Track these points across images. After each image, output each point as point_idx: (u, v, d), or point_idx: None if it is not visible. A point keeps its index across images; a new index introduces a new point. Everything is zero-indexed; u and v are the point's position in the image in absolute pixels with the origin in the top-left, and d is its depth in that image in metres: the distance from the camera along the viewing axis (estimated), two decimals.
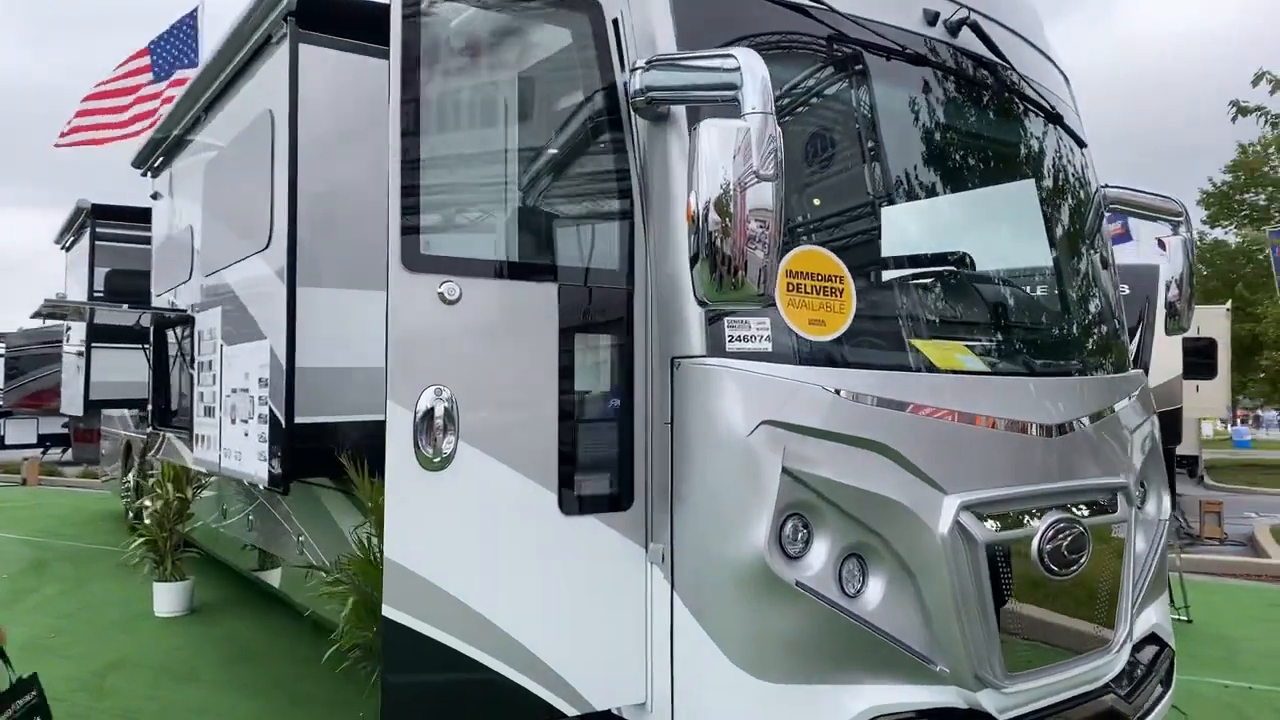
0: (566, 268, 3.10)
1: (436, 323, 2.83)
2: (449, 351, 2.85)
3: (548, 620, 2.97)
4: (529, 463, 2.95)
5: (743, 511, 2.89)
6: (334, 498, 5.52)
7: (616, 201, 3.18)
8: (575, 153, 3.21)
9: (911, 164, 3.67)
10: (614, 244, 3.18)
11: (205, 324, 5.85)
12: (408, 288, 2.80)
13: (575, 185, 3.23)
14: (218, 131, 5.72)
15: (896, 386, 3.18)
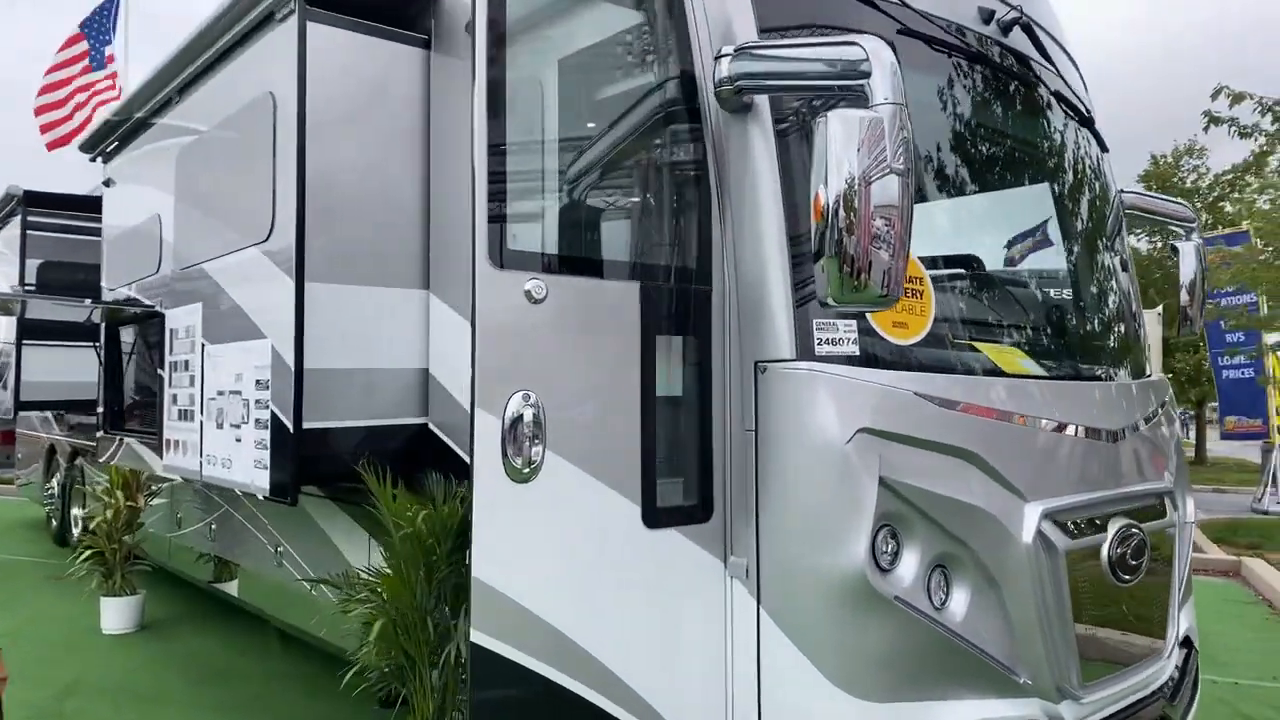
0: (646, 265, 2.93)
1: (523, 323, 2.62)
2: (535, 354, 2.64)
3: (632, 641, 2.79)
4: (614, 473, 2.76)
5: (840, 524, 2.76)
6: (321, 506, 5.20)
7: (693, 196, 3.01)
8: (652, 144, 3.04)
9: (973, 164, 3.60)
10: (691, 241, 3.01)
11: (179, 321, 5.44)
12: (495, 286, 2.58)
13: (651, 178, 3.05)
14: (196, 115, 5.32)
15: (976, 391, 3.10)
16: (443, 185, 4.47)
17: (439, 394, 4.45)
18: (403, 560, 3.75)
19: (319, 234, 4.21)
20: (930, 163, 3.41)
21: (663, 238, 3.00)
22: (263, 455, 4.38)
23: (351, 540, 4.96)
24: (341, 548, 5.07)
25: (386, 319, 4.42)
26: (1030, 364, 3.51)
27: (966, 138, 3.55)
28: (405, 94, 4.50)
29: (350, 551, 4.97)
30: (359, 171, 4.34)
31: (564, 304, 2.69)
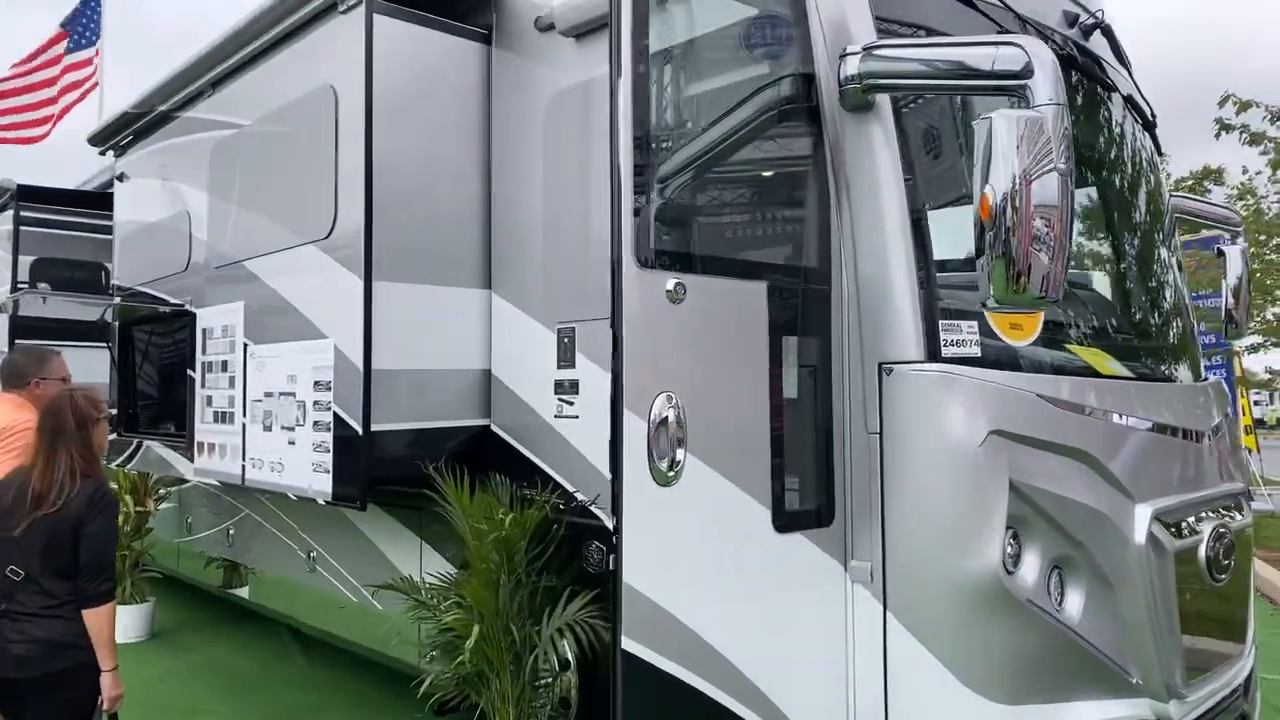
0: (771, 265, 2.90)
1: (665, 323, 2.58)
2: (675, 355, 2.60)
3: (764, 646, 2.76)
4: (746, 476, 2.73)
5: (972, 527, 2.76)
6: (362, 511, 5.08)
7: (813, 195, 2.99)
8: (772, 143, 3.00)
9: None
10: (811, 241, 2.99)
11: (214, 320, 5.29)
12: (639, 285, 2.53)
13: (773, 176, 3.02)
14: (235, 108, 5.17)
15: (1086, 393, 3.11)
16: (505, 183, 4.40)
17: (503, 395, 4.37)
18: (489, 565, 3.66)
19: (384, 232, 4.11)
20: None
21: (785, 237, 2.97)
22: (323, 459, 4.27)
23: (400, 546, 4.86)
24: (388, 553, 4.96)
25: (448, 319, 4.33)
26: (1116, 365, 3.54)
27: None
28: (465, 89, 4.42)
29: (399, 557, 4.86)
30: (421, 168, 4.25)
31: (700, 304, 2.65)
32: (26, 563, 3.01)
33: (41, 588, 3.00)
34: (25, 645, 2.94)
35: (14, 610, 3.00)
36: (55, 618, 2.98)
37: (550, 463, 4.10)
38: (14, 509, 3.06)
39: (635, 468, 2.46)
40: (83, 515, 3.06)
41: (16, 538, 3.01)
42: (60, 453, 3.11)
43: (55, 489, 3.04)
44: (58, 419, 3.18)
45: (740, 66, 3.00)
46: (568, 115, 4.05)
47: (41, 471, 3.08)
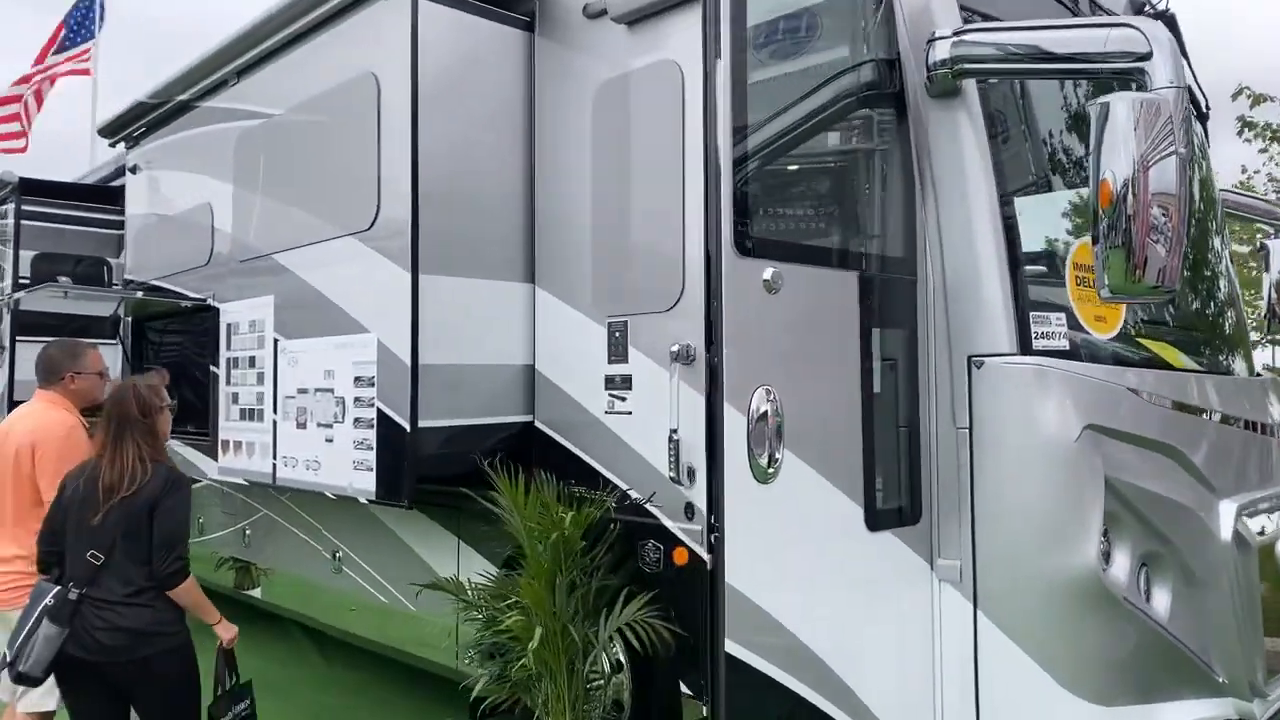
0: (859, 254, 2.82)
1: (762, 314, 2.50)
2: (772, 347, 2.52)
3: (857, 649, 2.68)
4: (839, 473, 2.65)
5: (1070, 524, 2.69)
6: (393, 508, 4.96)
7: (897, 183, 2.91)
8: (857, 130, 2.92)
9: None
10: (896, 230, 2.91)
11: (241, 315, 5.15)
12: (739, 275, 2.45)
13: (858, 164, 2.94)
14: (264, 98, 5.04)
15: (1170, 386, 3.06)
16: (550, 175, 4.30)
17: (548, 391, 4.27)
18: (548, 566, 3.56)
19: (430, 224, 4.00)
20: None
21: (871, 226, 2.89)
22: (365, 456, 4.15)
23: (436, 545, 4.74)
24: (422, 553, 4.85)
25: (492, 313, 4.23)
26: (1187, 359, 3.49)
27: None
28: (507, 77, 4.32)
29: (434, 557, 4.75)
30: (465, 159, 4.15)
31: (795, 293, 2.57)
32: (105, 548, 3.03)
33: (121, 573, 3.02)
34: (110, 633, 2.98)
35: (96, 596, 3.02)
36: (139, 606, 3.02)
37: (600, 459, 4.01)
38: (90, 498, 3.08)
39: (735, 464, 2.37)
40: (158, 496, 3.09)
41: (94, 526, 3.04)
42: (127, 441, 3.13)
43: (126, 477, 3.06)
44: (122, 408, 3.19)
45: (825, 52, 2.92)
46: (620, 104, 3.96)
47: (110, 460, 3.10)
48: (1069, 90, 3.14)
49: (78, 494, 3.16)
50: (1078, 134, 3.23)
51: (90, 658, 3.00)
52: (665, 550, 3.73)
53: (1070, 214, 3.14)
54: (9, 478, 3.56)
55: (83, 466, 3.29)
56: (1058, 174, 3.19)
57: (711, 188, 2.40)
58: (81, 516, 3.11)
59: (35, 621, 3.01)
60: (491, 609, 3.86)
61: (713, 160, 2.41)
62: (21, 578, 3.52)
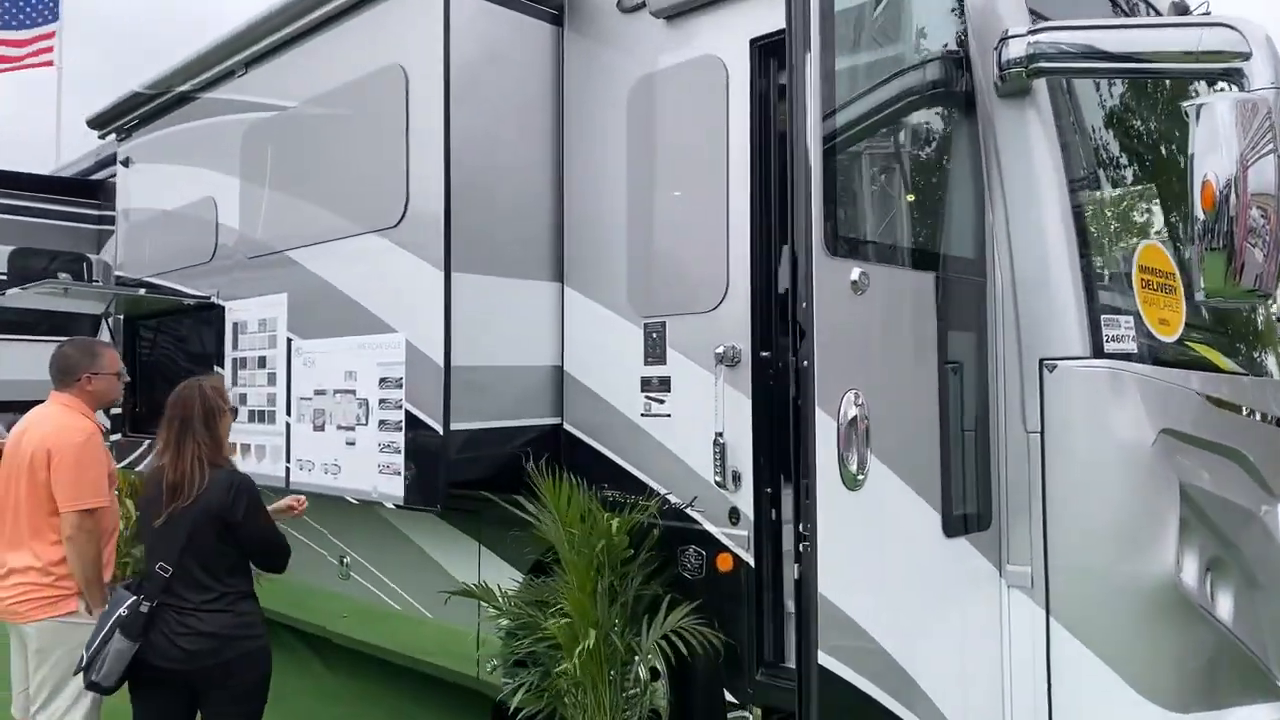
0: (936, 254, 2.77)
1: (850, 315, 2.43)
2: (859, 349, 2.45)
3: (936, 658, 2.62)
4: (919, 479, 2.59)
5: (1146, 529, 2.66)
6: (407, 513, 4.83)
7: (969, 183, 2.87)
8: (929, 128, 2.87)
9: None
10: (967, 231, 2.86)
11: (249, 313, 4.99)
12: (828, 275, 2.37)
13: (931, 163, 2.89)
14: (276, 89, 4.88)
15: (1232, 390, 3.05)
16: (579, 172, 4.21)
17: (577, 393, 4.17)
18: (592, 573, 3.46)
19: (462, 221, 3.89)
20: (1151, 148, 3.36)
21: (945, 227, 2.84)
22: (392, 460, 4.03)
23: (453, 550, 4.62)
24: (438, 557, 4.72)
25: (520, 313, 4.13)
26: (1229, 362, 3.49)
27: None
28: (535, 72, 4.22)
29: (452, 562, 4.63)
30: (493, 154, 4.05)
31: (879, 295, 2.50)
32: (172, 555, 2.96)
33: (195, 580, 2.96)
34: (192, 639, 2.92)
35: (172, 604, 2.95)
36: (219, 611, 2.96)
37: (636, 463, 3.93)
38: (155, 501, 3.02)
39: (826, 471, 2.30)
40: (226, 505, 3.00)
41: (158, 529, 2.99)
42: (188, 443, 3.04)
43: (186, 480, 2.98)
44: (185, 409, 3.10)
45: (898, 46, 2.86)
46: (658, 100, 3.88)
47: (173, 462, 3.02)
48: (1136, 90, 3.12)
49: (147, 498, 3.10)
50: (1143, 134, 3.22)
51: (172, 666, 2.94)
52: (707, 556, 3.66)
53: (1135, 215, 3.13)
54: (23, 485, 3.38)
55: (156, 470, 3.20)
56: (1122, 174, 3.17)
57: (801, 185, 2.32)
58: (147, 520, 3.07)
59: (109, 631, 2.93)
60: (527, 616, 3.75)
61: (802, 157, 2.33)
62: (35, 589, 3.35)
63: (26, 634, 3.37)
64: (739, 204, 3.58)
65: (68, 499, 3.31)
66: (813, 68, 2.35)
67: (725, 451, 3.54)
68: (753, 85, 3.57)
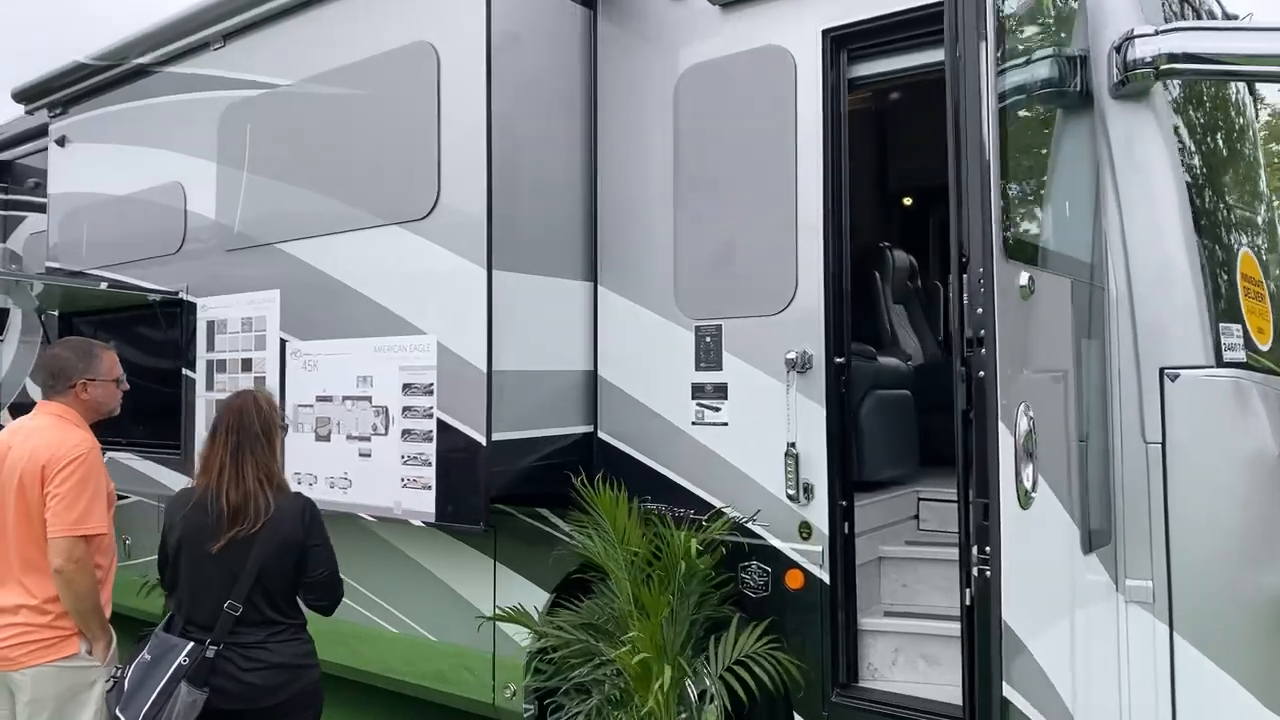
0: (1071, 259, 2.65)
1: (1019, 322, 2.28)
2: (1028, 358, 2.31)
3: (1079, 679, 2.51)
4: (1066, 494, 2.48)
5: (1272, 540, 2.62)
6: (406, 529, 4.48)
7: (1089, 186, 2.78)
8: (1054, 129, 2.76)
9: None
10: (1088, 235, 2.77)
11: (229, 311, 4.53)
12: (1005, 280, 2.22)
13: (1056, 166, 2.78)
14: (264, 64, 4.43)
15: None
16: (615, 163, 3.96)
17: (615, 399, 3.93)
18: (668, 595, 3.22)
19: (501, 215, 3.59)
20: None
21: (1075, 230, 2.74)
22: (421, 473, 3.69)
23: (463, 568, 4.30)
24: (443, 576, 4.38)
25: (553, 313, 3.86)
26: None
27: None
28: (567, 57, 3.96)
29: (461, 581, 4.31)
30: (527, 144, 3.76)
31: (1039, 300, 2.37)
32: (241, 590, 2.65)
33: (262, 615, 2.69)
34: (264, 673, 2.66)
35: (240, 641, 2.66)
36: (287, 641, 2.72)
37: (686, 474, 3.71)
38: (207, 525, 2.69)
39: (1007, 488, 2.15)
40: (299, 530, 2.73)
41: (214, 555, 2.67)
42: (247, 462, 2.73)
43: (252, 504, 2.67)
44: (243, 422, 2.77)
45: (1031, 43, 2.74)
46: (714, 92, 3.67)
47: (234, 483, 2.69)
48: (1245, 93, 3.11)
49: (191, 523, 2.72)
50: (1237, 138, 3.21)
51: (238, 706, 2.66)
52: (774, 573, 3.48)
53: (1239, 223, 3.11)
54: (10, 510, 2.89)
55: (187, 493, 2.84)
56: (1227, 181, 3.15)
57: (976, 184, 2.17)
58: (199, 547, 2.69)
59: (169, 683, 2.57)
60: (577, 641, 3.47)
61: (982, 157, 2.17)
62: (28, 631, 2.87)
63: (16, 682, 2.89)
64: (809, 202, 3.42)
65: (62, 523, 2.85)
66: (988, 61, 2.20)
67: (799, 462, 3.37)
68: (825, 77, 3.42)
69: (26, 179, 7.64)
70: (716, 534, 3.36)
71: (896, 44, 3.42)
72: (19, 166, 7.81)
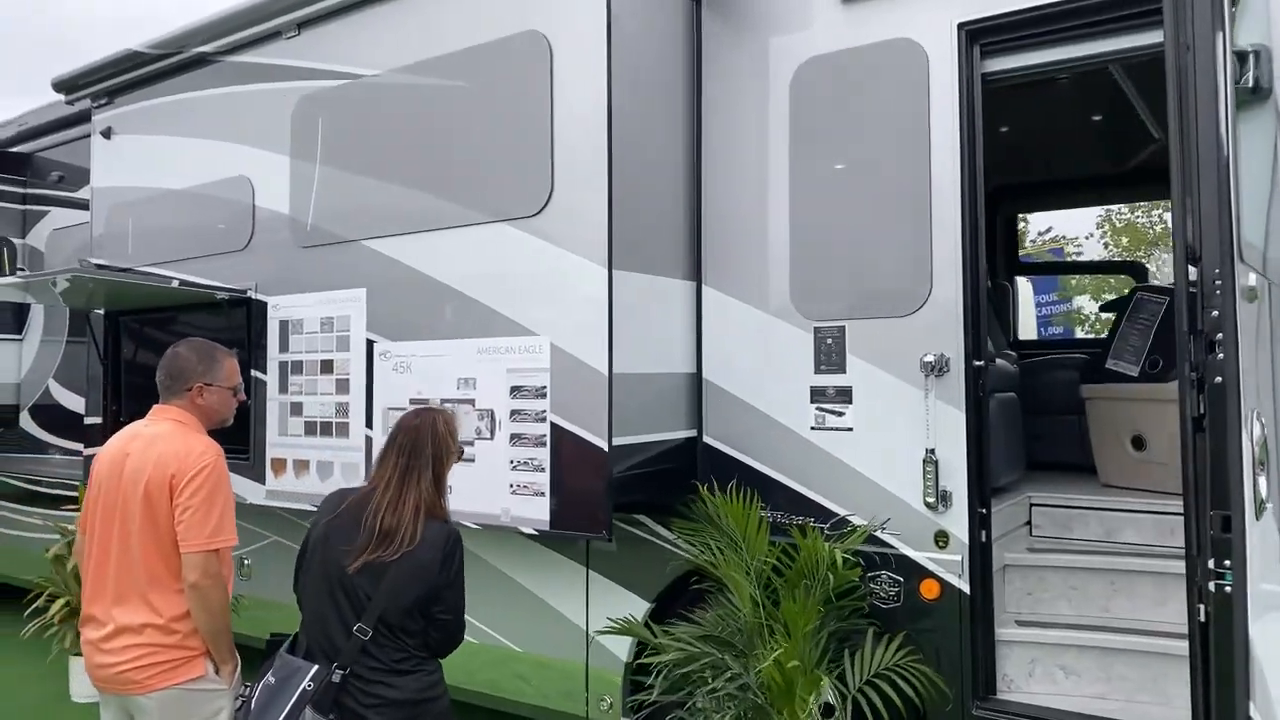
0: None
1: (1247, 325, 2.18)
2: (1255, 361, 2.22)
3: None
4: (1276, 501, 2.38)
5: None
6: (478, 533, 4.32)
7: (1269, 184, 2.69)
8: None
9: None
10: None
11: (305, 311, 4.34)
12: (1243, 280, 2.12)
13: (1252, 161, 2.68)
14: (346, 54, 4.25)
15: None
16: (722, 158, 3.84)
17: (722, 403, 3.81)
18: (817, 604, 3.10)
19: (620, 212, 3.45)
20: None
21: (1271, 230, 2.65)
22: (532, 479, 3.55)
23: (549, 575, 4.15)
24: (527, 583, 4.22)
25: (661, 314, 3.73)
26: None
27: None
28: (669, 48, 3.83)
29: (548, 589, 4.16)
30: (641, 139, 3.63)
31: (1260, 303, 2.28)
32: (371, 615, 2.49)
33: (386, 642, 2.52)
34: (385, 709, 2.49)
35: (362, 672, 2.49)
36: (411, 673, 2.55)
37: (803, 480, 3.60)
38: (348, 539, 2.55)
39: (1249, 500, 2.05)
40: (438, 563, 2.55)
41: (353, 575, 2.51)
42: (410, 489, 2.59)
43: (402, 529, 2.52)
44: (419, 442, 2.64)
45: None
46: (835, 86, 3.56)
47: (392, 506, 2.55)
48: None
49: (335, 529, 2.57)
50: None
51: None
52: (905, 583, 3.38)
53: None
54: (135, 522, 2.72)
55: (340, 495, 2.68)
56: None
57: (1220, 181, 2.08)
58: (332, 560, 2.54)
59: (294, 709, 2.42)
60: (702, 653, 3.34)
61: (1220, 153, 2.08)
62: (155, 651, 2.70)
63: (141, 706, 2.71)
64: (944, 200, 3.32)
65: (197, 537, 2.69)
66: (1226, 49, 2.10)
67: (939, 469, 3.27)
68: (960, 72, 3.32)
69: (49, 172, 7.38)
70: (855, 542, 3.24)
71: (1031, 39, 3.34)
72: (39, 159, 7.56)
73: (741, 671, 3.20)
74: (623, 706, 3.97)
